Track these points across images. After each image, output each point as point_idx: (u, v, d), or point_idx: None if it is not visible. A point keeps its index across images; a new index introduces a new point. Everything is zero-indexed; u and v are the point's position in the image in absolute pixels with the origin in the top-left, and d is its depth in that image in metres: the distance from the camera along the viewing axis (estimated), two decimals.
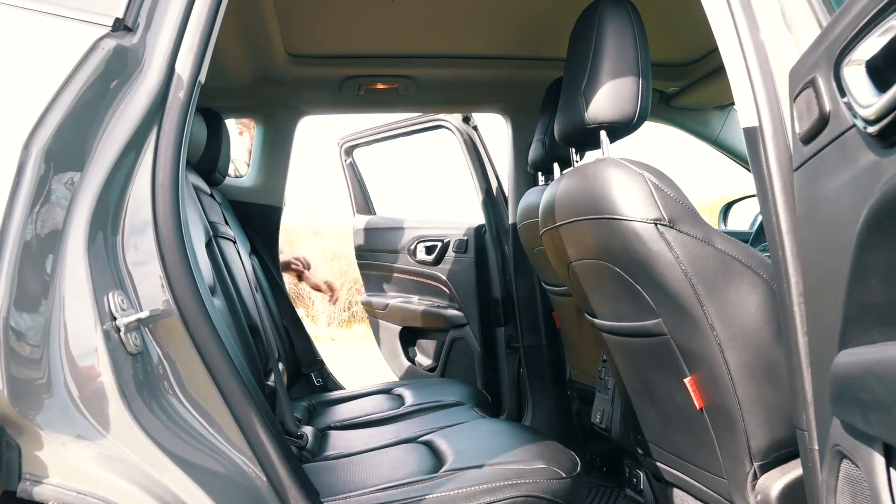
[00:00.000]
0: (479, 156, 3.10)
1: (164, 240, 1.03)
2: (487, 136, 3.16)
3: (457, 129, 3.08)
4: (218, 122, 2.24)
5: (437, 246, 3.29)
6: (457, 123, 3.07)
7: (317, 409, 2.24)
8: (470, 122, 3.09)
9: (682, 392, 1.46)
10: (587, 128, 1.52)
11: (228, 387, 1.03)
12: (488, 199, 3.04)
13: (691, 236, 1.33)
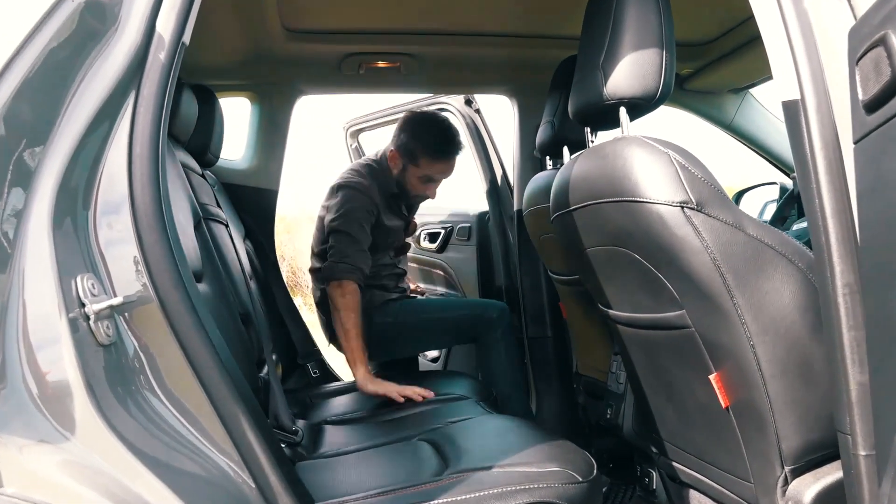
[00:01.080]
0: (483, 140, 2.99)
1: (141, 217, 0.92)
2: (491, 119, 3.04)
3: (459, 111, 2.97)
4: (211, 100, 2.13)
5: (440, 233, 3.20)
6: (459, 106, 2.96)
7: (313, 402, 2.14)
8: (472, 104, 2.97)
9: (705, 389, 1.35)
10: (606, 104, 1.41)
11: (213, 382, 0.92)
12: (492, 184, 2.93)
13: (721, 221, 1.22)
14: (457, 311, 2.58)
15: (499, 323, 2.53)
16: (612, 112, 1.43)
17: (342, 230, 2.29)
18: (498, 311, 2.55)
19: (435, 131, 2.42)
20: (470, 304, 2.70)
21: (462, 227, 3.11)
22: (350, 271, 2.23)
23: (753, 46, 2.42)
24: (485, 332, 2.51)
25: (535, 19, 2.31)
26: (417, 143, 2.39)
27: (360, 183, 2.39)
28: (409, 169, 2.41)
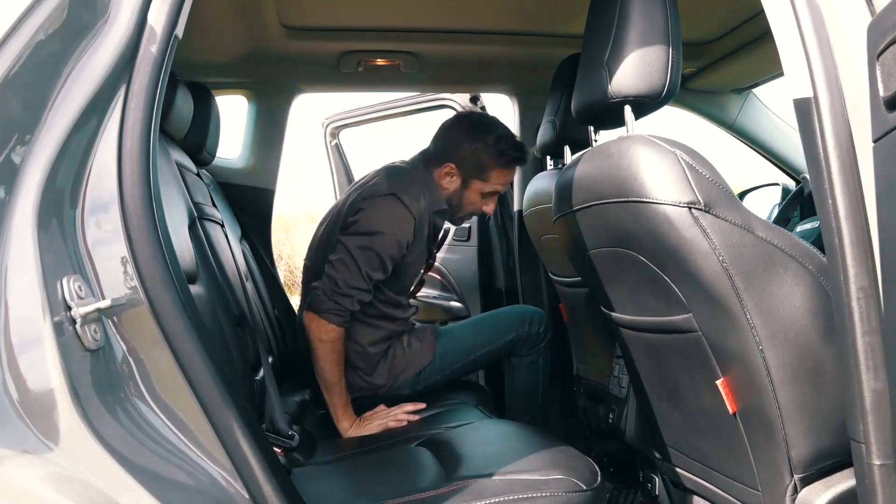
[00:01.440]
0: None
1: (131, 216, 0.89)
2: None
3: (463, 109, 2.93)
4: (206, 97, 2.10)
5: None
6: (464, 103, 2.91)
7: (310, 406, 2.10)
8: (478, 102, 2.93)
9: (712, 394, 1.32)
10: (610, 102, 1.38)
11: (205, 388, 0.89)
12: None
13: (729, 222, 1.19)
14: (501, 338, 2.18)
15: (543, 335, 2.25)
16: (616, 110, 1.40)
17: (355, 259, 1.84)
18: (539, 321, 2.25)
19: (506, 136, 2.07)
20: (508, 321, 2.23)
21: (460, 227, 3.05)
22: (338, 313, 1.83)
23: (757, 46, 2.40)
24: (526, 348, 2.22)
25: (536, 17, 2.28)
26: (491, 152, 2.02)
27: (414, 200, 1.92)
28: (474, 185, 2.05)
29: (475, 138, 2.02)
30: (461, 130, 2.04)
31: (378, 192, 1.92)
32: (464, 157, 2.02)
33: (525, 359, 2.19)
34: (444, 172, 2.02)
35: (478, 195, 2.06)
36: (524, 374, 2.20)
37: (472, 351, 2.11)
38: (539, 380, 2.20)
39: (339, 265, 1.84)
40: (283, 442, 1.63)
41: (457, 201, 2.06)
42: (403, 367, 2.02)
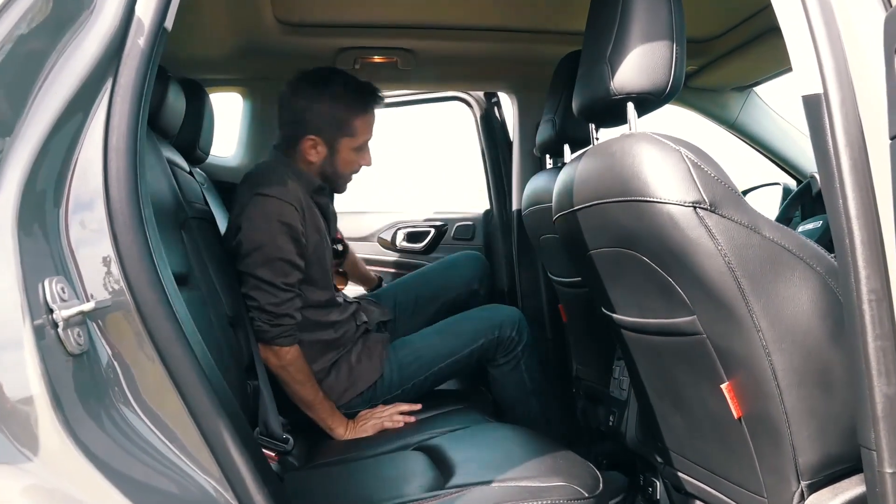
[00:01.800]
0: (494, 136, 2.88)
1: (117, 215, 0.85)
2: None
3: (476, 103, 2.86)
4: (200, 94, 2.06)
5: (428, 232, 2.92)
6: (478, 97, 2.85)
7: None
8: (493, 97, 2.87)
9: (716, 398, 1.29)
10: (612, 99, 1.35)
11: (194, 394, 0.85)
12: (499, 183, 2.84)
13: (735, 222, 1.16)
14: (467, 346, 2.01)
15: (518, 339, 2.08)
16: (618, 108, 1.37)
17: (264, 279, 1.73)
18: (512, 325, 2.09)
19: (348, 81, 1.91)
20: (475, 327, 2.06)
21: (462, 225, 2.95)
22: (285, 335, 1.74)
23: (759, 43, 2.36)
24: (501, 354, 2.06)
25: (536, 14, 2.25)
26: (344, 104, 1.86)
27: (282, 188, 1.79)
28: (341, 144, 1.89)
29: (320, 98, 1.86)
30: (302, 97, 1.89)
31: (242, 201, 1.80)
32: (319, 123, 1.87)
33: (504, 367, 2.04)
34: (308, 147, 1.88)
35: (350, 152, 1.92)
36: (508, 384, 2.06)
37: (434, 362, 1.97)
38: (528, 387, 2.07)
39: (255, 294, 1.74)
40: (277, 446, 1.60)
41: (331, 169, 1.92)
42: (350, 385, 1.90)
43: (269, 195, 1.76)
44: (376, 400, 1.92)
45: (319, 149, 1.90)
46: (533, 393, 2.09)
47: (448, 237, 2.95)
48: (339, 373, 1.91)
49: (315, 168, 1.92)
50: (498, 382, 2.07)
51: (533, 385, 2.08)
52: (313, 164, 1.91)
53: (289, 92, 1.93)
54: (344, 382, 1.90)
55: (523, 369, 2.06)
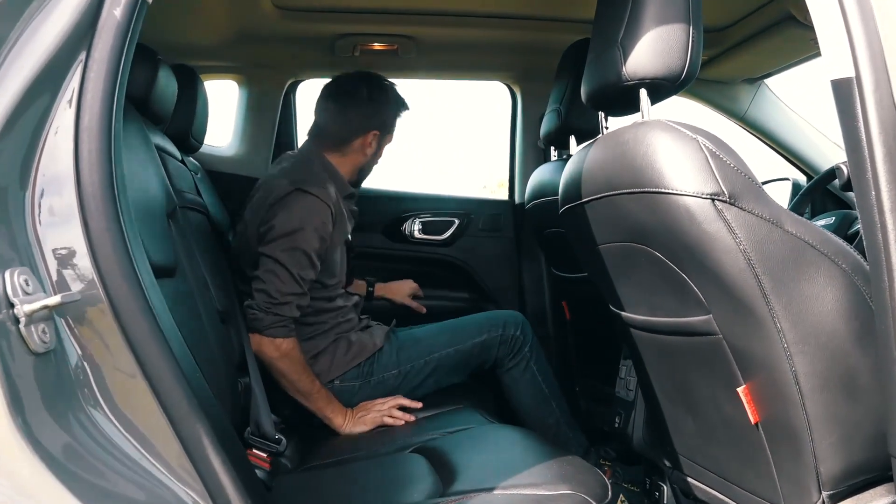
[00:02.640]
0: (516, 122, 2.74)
1: (88, 201, 0.78)
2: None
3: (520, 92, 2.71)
4: (193, 81, 1.98)
5: (453, 222, 2.67)
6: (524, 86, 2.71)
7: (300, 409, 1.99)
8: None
9: (732, 402, 1.22)
10: (624, 85, 1.28)
11: (172, 397, 0.78)
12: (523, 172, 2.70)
13: (756, 215, 1.08)
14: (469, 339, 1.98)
15: (523, 338, 2.02)
16: (630, 94, 1.30)
17: (283, 264, 1.73)
18: (516, 325, 2.03)
19: (388, 84, 2.03)
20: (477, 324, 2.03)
21: (492, 215, 2.72)
22: (281, 325, 1.72)
23: (772, 34, 2.29)
24: (508, 357, 2.01)
25: (542, 1, 2.17)
26: (390, 107, 2.00)
27: (322, 190, 1.82)
28: (384, 142, 2.02)
29: (388, 97, 1.99)
30: (377, 95, 1.98)
31: (282, 192, 1.81)
32: (386, 120, 1.99)
33: (514, 371, 2.00)
34: (368, 141, 1.96)
35: (382, 151, 2.05)
36: (522, 389, 2.00)
37: (434, 349, 1.94)
38: (545, 392, 2.01)
39: (267, 276, 1.73)
40: (269, 446, 1.53)
41: (369, 165, 2.02)
42: (349, 358, 1.88)
43: (311, 193, 1.80)
44: (372, 376, 1.89)
45: (373, 144, 1.98)
46: (552, 398, 2.02)
47: (474, 228, 2.71)
48: (338, 348, 1.89)
49: (357, 163, 1.98)
50: (511, 389, 2.01)
51: (550, 389, 2.02)
52: (359, 160, 1.98)
53: (352, 88, 1.98)
54: (342, 356, 1.89)
55: (535, 371, 2.00)
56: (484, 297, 2.71)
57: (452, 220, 2.68)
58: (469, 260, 2.68)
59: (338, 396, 1.83)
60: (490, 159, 5.40)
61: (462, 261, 2.67)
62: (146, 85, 1.54)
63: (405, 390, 1.88)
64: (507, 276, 2.69)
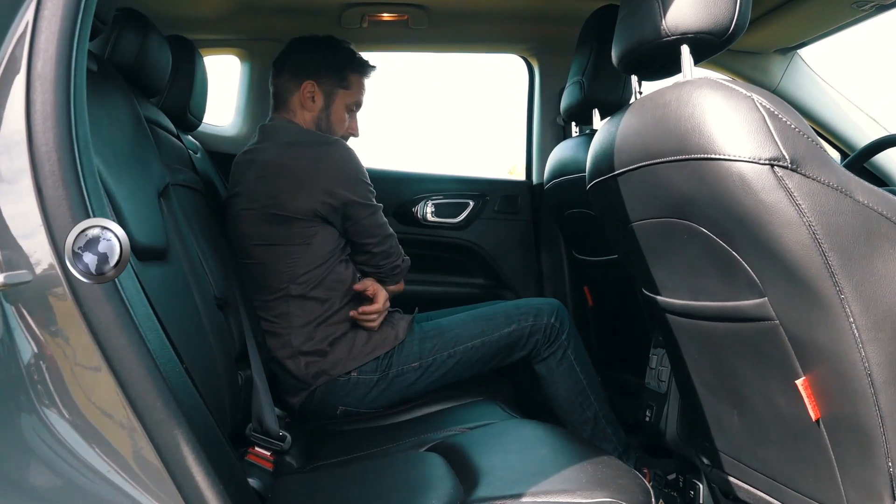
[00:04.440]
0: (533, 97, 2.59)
1: (43, 163, 0.65)
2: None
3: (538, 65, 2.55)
4: (190, 53, 1.86)
5: (468, 204, 2.51)
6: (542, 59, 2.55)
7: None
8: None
9: (788, 397, 1.08)
10: (663, 41, 1.14)
11: (145, 398, 0.66)
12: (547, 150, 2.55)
13: (822, 183, 0.95)
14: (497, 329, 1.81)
15: (559, 326, 1.84)
16: (669, 52, 1.16)
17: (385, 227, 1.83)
18: (551, 312, 1.85)
19: (348, 44, 1.92)
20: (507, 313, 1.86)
21: (508, 196, 2.55)
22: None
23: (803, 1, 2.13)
24: (545, 346, 1.83)
25: None
26: (343, 55, 1.87)
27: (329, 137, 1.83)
28: (338, 97, 1.85)
29: (319, 47, 1.87)
30: (301, 49, 1.88)
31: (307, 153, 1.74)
32: (319, 69, 1.84)
33: (550, 360, 1.83)
34: (305, 93, 1.83)
35: (343, 109, 1.88)
36: (559, 381, 1.83)
37: (459, 341, 1.78)
38: (580, 378, 1.84)
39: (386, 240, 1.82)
40: (272, 444, 1.41)
41: (325, 123, 1.87)
42: (369, 350, 1.74)
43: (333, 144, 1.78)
44: (391, 368, 1.75)
45: (317, 98, 1.85)
46: (590, 390, 1.85)
47: (490, 210, 2.55)
48: (357, 337, 1.75)
49: (311, 120, 1.86)
50: (546, 380, 1.84)
51: (588, 380, 1.85)
52: (309, 115, 1.86)
53: (289, 48, 1.91)
54: (361, 346, 1.75)
55: (572, 359, 1.83)
56: (500, 282, 2.57)
57: (467, 201, 2.52)
58: (484, 244, 2.53)
59: (353, 390, 1.71)
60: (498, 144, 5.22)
61: (477, 245, 2.53)
62: (135, 52, 1.42)
63: (424, 384, 1.75)
64: (525, 260, 2.54)
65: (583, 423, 1.84)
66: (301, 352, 1.69)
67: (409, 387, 1.75)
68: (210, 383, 1.17)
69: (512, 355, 1.83)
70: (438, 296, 2.43)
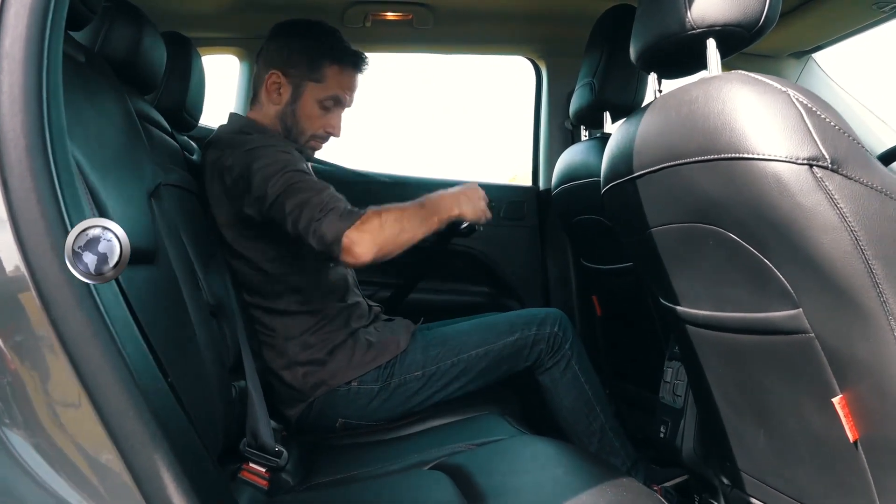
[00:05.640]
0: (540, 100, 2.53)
1: (8, 150, 0.58)
2: None
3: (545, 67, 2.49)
4: (187, 50, 1.79)
5: None
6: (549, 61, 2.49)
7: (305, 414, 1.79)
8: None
9: (823, 415, 1.01)
10: (687, 35, 1.07)
11: (122, 419, 0.58)
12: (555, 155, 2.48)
13: (866, 185, 0.87)
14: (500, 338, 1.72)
15: (563, 335, 1.75)
16: (694, 47, 1.10)
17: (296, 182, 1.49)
18: (554, 321, 1.77)
19: (334, 32, 1.73)
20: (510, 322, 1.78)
21: (514, 202, 2.48)
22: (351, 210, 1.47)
23: (821, 2, 2.06)
24: (548, 355, 1.75)
25: None
26: (321, 45, 1.68)
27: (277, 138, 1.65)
28: (307, 90, 1.68)
29: (295, 34, 1.71)
30: (279, 36, 1.73)
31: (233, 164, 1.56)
32: (287, 58, 1.68)
33: (554, 370, 1.75)
34: (270, 84, 1.68)
35: (315, 105, 1.69)
36: (563, 392, 1.75)
37: (463, 349, 1.70)
38: (585, 389, 1.75)
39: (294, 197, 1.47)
40: (268, 460, 1.34)
41: (291, 119, 1.70)
42: (369, 358, 1.65)
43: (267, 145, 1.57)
44: (393, 377, 1.67)
45: (283, 90, 1.69)
46: (596, 401, 1.76)
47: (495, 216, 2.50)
48: (357, 345, 1.66)
49: (275, 115, 1.70)
50: (550, 391, 1.76)
51: (593, 391, 1.76)
52: (273, 109, 1.70)
53: (271, 34, 1.77)
54: (361, 356, 1.66)
55: (577, 370, 1.75)
56: (505, 291, 2.49)
57: None
58: (489, 251, 2.45)
59: (353, 400, 1.63)
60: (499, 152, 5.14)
61: (481, 252, 2.45)
62: (127, 46, 1.35)
63: (427, 395, 1.67)
64: (531, 268, 2.47)
65: (589, 435, 1.76)
66: (298, 361, 1.61)
67: (411, 397, 1.67)
68: (201, 396, 1.09)
69: (516, 366, 1.75)
70: (441, 304, 2.35)
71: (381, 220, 1.46)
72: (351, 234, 1.42)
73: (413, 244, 1.50)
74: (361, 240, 1.42)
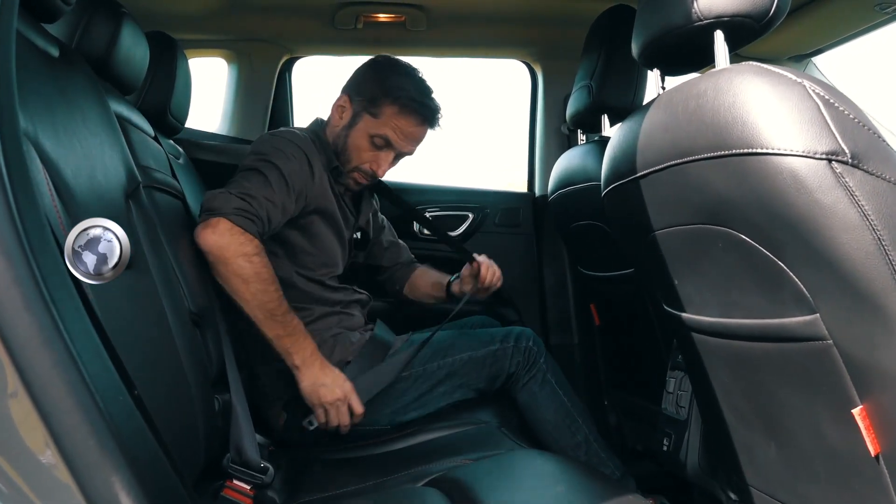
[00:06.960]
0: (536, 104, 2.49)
1: None
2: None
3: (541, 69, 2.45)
4: (171, 50, 1.73)
5: (467, 217, 2.38)
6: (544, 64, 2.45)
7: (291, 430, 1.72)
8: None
9: (841, 427, 0.95)
10: (694, 27, 1.02)
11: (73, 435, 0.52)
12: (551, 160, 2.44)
13: (888, 181, 0.82)
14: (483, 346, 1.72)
15: (538, 349, 1.74)
16: (700, 40, 1.05)
17: (256, 168, 1.52)
18: (528, 337, 1.76)
19: (414, 79, 1.72)
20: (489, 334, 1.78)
21: (510, 208, 2.44)
22: (250, 216, 1.43)
23: (822, 4, 2.02)
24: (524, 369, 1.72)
25: None
26: (385, 85, 1.68)
27: (302, 138, 1.65)
28: (362, 120, 1.68)
29: (378, 71, 1.73)
30: (370, 65, 1.76)
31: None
32: (358, 86, 1.72)
33: (532, 385, 1.72)
34: (337, 105, 1.74)
35: (365, 137, 1.68)
36: (543, 406, 1.72)
37: (449, 352, 1.69)
38: (564, 401, 1.72)
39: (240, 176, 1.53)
40: (252, 477, 1.27)
41: (342, 143, 1.71)
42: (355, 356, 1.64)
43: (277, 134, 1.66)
44: None
45: (345, 113, 1.72)
46: (576, 412, 1.73)
47: (490, 223, 2.42)
48: (342, 344, 1.65)
49: (334, 132, 1.73)
50: (530, 406, 1.72)
51: (572, 403, 1.73)
52: (334, 129, 1.74)
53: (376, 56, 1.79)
54: (348, 354, 1.64)
55: (553, 383, 1.72)
56: (500, 299, 2.43)
57: (465, 214, 2.39)
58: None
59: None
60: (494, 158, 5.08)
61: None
62: (106, 43, 1.29)
63: (415, 395, 1.63)
64: (527, 276, 2.41)
65: (574, 447, 1.71)
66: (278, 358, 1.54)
67: (398, 398, 1.63)
68: (179, 409, 1.03)
69: (499, 376, 1.72)
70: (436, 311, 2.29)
71: (253, 265, 1.42)
72: (222, 222, 1.41)
73: (239, 304, 1.45)
74: (220, 235, 1.41)
